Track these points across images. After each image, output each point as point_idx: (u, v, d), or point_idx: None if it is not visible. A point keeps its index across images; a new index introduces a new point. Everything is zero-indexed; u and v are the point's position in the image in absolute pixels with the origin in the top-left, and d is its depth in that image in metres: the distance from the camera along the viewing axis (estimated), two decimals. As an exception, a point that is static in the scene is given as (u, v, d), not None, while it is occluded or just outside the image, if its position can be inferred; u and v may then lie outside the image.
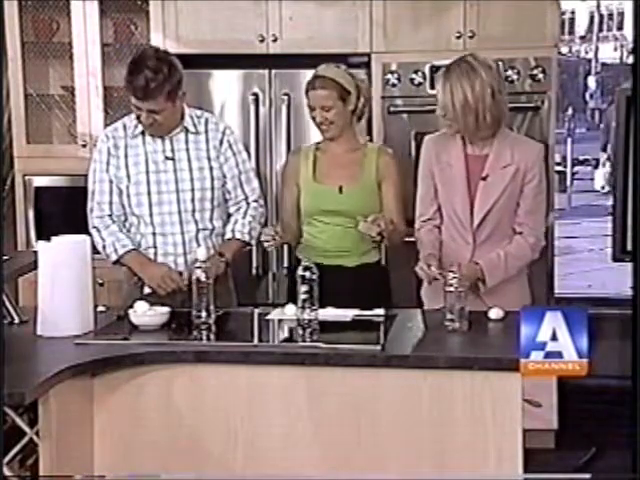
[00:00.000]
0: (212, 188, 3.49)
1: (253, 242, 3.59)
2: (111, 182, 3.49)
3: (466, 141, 3.36)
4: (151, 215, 3.48)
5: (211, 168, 3.49)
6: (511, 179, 3.32)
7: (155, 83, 3.29)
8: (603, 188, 11.96)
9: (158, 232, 3.49)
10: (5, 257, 3.29)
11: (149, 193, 3.46)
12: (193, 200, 3.48)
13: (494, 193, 3.32)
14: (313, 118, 3.58)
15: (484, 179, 3.33)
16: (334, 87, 3.51)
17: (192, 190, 3.47)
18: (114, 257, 3.48)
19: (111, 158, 3.49)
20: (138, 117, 3.40)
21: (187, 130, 3.49)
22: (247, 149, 4.44)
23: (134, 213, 3.50)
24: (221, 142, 3.52)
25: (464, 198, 3.34)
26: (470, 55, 3.30)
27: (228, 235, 3.53)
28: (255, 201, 3.59)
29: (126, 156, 3.49)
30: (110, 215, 3.50)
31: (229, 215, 3.58)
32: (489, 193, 3.32)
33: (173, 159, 3.47)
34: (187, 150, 3.49)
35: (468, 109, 3.21)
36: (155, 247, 3.50)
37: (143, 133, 3.48)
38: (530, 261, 3.40)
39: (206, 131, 3.51)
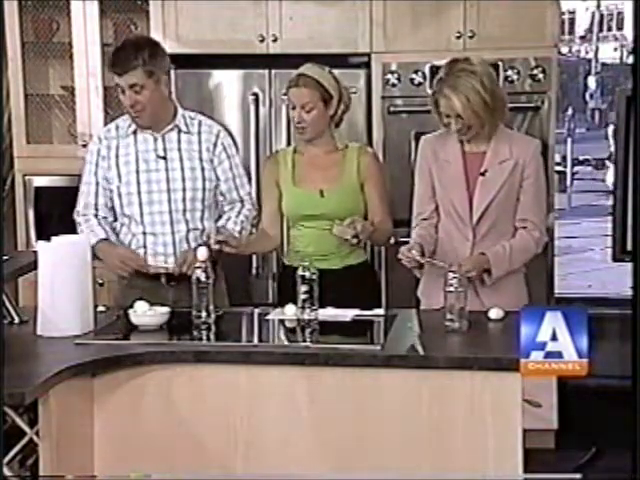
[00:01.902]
0: (203, 189, 3.48)
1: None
2: (98, 184, 3.50)
3: (463, 140, 3.36)
4: (141, 215, 3.47)
5: (203, 169, 3.48)
6: (510, 174, 3.32)
7: (133, 55, 3.30)
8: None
9: (148, 232, 3.48)
10: (5, 257, 3.29)
11: (139, 193, 3.46)
12: (184, 200, 3.46)
13: (493, 188, 3.32)
14: (293, 118, 3.47)
15: (483, 174, 3.33)
16: (316, 87, 3.42)
17: (183, 190, 3.46)
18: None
19: (100, 160, 3.49)
20: (128, 111, 3.38)
21: (179, 129, 3.48)
22: (247, 149, 4.47)
23: (125, 213, 3.50)
24: (215, 144, 3.50)
25: (463, 194, 3.34)
26: (459, 62, 3.28)
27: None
28: (249, 204, 3.58)
29: (117, 156, 3.48)
30: (96, 216, 3.51)
31: (220, 216, 3.57)
32: (488, 188, 3.32)
33: (165, 158, 3.46)
34: (179, 150, 3.48)
35: (486, 108, 3.22)
36: (145, 247, 3.49)
37: (135, 132, 3.47)
38: (533, 255, 3.39)
39: (199, 132, 3.50)
